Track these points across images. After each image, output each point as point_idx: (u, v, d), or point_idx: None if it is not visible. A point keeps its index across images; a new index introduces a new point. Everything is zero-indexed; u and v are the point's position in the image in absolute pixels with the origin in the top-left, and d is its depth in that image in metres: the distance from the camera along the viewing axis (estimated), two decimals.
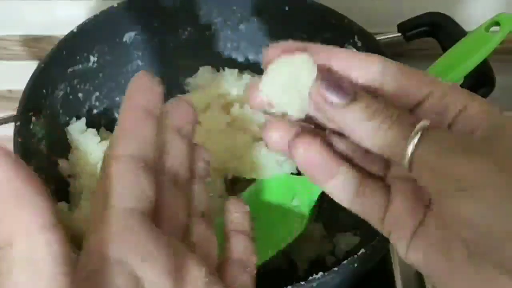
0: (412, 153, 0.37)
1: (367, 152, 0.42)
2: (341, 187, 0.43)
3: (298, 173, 0.69)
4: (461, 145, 0.37)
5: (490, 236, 0.35)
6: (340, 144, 0.43)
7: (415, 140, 0.37)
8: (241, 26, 0.74)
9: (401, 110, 0.39)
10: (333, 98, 0.39)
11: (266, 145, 0.44)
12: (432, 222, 0.40)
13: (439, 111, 0.40)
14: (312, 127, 0.44)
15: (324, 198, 0.72)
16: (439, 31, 0.67)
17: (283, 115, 0.42)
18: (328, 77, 0.40)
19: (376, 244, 0.56)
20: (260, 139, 0.67)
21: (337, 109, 0.39)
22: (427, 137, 0.37)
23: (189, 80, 0.79)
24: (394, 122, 0.38)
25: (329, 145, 0.43)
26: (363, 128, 0.39)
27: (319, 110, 0.41)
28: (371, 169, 0.44)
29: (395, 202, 0.42)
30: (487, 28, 0.61)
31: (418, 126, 0.38)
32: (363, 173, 0.43)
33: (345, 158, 0.43)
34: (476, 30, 0.61)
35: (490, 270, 0.36)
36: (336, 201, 0.44)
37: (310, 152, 0.42)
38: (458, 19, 0.67)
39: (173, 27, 0.76)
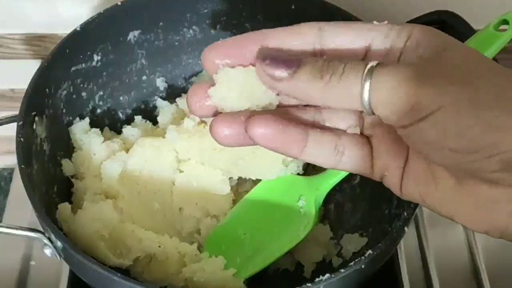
0: (369, 96, 0.39)
1: (330, 113, 0.45)
2: (318, 152, 0.45)
3: (304, 174, 0.68)
4: (409, 74, 0.38)
5: (459, 153, 0.38)
6: (298, 113, 0.45)
7: (368, 83, 0.39)
8: (247, 25, 0.74)
9: (348, 60, 0.40)
10: (280, 72, 0.40)
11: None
12: (415, 158, 0.43)
13: (385, 52, 0.42)
14: None
15: (330, 199, 0.72)
16: (448, 30, 0.66)
17: None
18: (269, 54, 0.41)
19: (383, 245, 0.55)
20: None
21: (287, 81, 0.40)
22: (377, 76, 0.39)
23: (194, 79, 0.78)
24: (344, 72, 0.39)
25: (286, 118, 0.44)
26: (317, 88, 0.40)
27: (271, 88, 0.42)
28: (339, 126, 0.46)
29: (378, 149, 0.45)
30: (496, 27, 0.60)
31: (367, 68, 0.39)
32: (336, 133, 0.45)
33: (310, 125, 0.45)
34: (485, 29, 0.61)
35: (471, 184, 0.40)
36: (318, 165, 0.46)
37: (270, 128, 0.42)
38: (466, 17, 0.66)
39: (178, 26, 0.75)
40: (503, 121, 0.36)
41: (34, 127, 0.62)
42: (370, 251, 0.54)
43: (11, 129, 0.62)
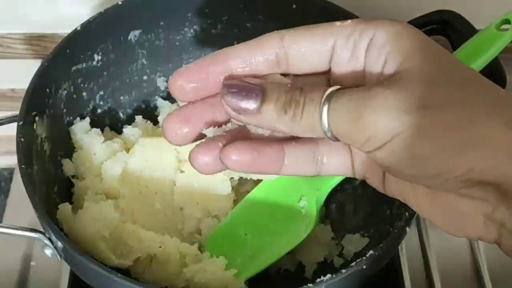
0: (328, 127, 0.39)
1: None
2: (298, 165, 0.44)
3: None
4: (363, 104, 0.38)
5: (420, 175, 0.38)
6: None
7: (325, 114, 0.39)
8: (248, 25, 0.73)
9: (308, 88, 0.40)
10: (245, 105, 0.40)
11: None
12: None
13: (349, 55, 0.41)
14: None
15: (332, 199, 0.72)
16: (450, 29, 0.66)
17: None
18: (232, 86, 0.41)
19: (385, 246, 0.55)
20: None
21: (253, 115, 0.40)
22: (334, 106, 0.39)
23: None
24: (305, 105, 0.39)
25: (259, 138, 0.43)
26: (283, 123, 0.40)
27: (236, 120, 0.42)
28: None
29: (356, 153, 0.45)
30: (497, 26, 0.60)
31: (323, 98, 0.39)
32: (312, 141, 0.44)
33: (286, 139, 0.44)
34: (486, 28, 0.61)
35: (443, 195, 0.40)
36: (301, 175, 0.45)
37: (245, 154, 0.41)
38: (468, 17, 0.66)
39: (178, 26, 0.75)
40: (454, 147, 0.36)
41: (35, 127, 0.62)
42: (371, 252, 0.54)
43: (11, 129, 0.62)
